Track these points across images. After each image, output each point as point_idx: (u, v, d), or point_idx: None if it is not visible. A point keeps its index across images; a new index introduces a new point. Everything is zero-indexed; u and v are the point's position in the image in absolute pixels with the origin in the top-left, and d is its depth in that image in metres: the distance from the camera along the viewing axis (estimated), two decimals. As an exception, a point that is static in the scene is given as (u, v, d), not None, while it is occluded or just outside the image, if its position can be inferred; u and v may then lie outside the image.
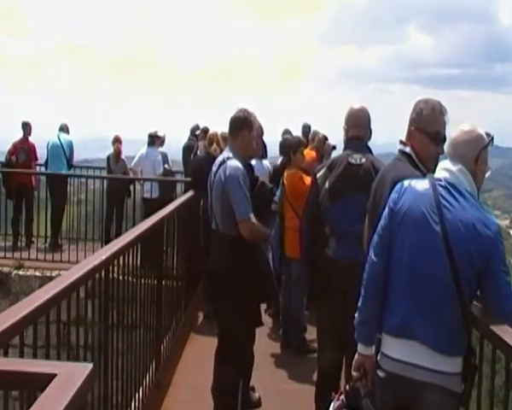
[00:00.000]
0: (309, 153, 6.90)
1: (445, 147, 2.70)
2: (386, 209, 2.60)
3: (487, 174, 2.65)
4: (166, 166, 9.75)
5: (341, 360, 3.77)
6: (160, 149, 9.88)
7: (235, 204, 3.77)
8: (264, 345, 5.77)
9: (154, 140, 9.77)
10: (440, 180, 2.52)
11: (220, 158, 4.01)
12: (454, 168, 2.53)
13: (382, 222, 2.60)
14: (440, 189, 2.49)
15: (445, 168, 2.57)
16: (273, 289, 4.28)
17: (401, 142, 2.99)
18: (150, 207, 8.38)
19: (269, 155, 8.07)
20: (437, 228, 2.41)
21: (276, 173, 6.53)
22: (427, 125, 2.87)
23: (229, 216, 3.81)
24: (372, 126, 3.79)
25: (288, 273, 5.99)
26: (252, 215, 3.77)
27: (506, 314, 2.39)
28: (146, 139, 9.84)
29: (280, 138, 7.70)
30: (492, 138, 2.62)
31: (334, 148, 7.33)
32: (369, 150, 3.75)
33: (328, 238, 3.72)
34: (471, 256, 2.38)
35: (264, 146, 7.84)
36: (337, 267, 3.58)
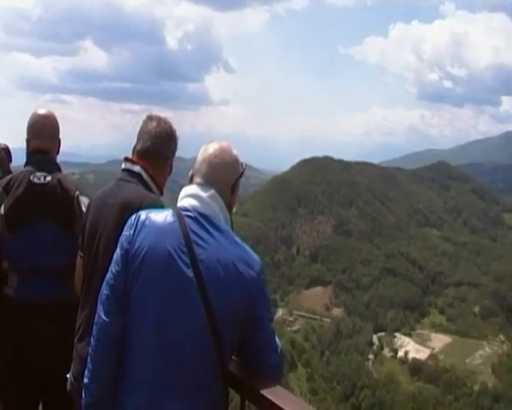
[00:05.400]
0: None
1: (198, 166, 2.19)
2: (119, 251, 2.08)
3: (234, 209, 2.22)
4: None
5: None
6: None
7: None
8: None
9: None
10: (188, 210, 2.07)
11: None
12: (205, 195, 2.09)
13: (114, 268, 2.07)
14: (190, 221, 2.04)
15: (192, 194, 2.11)
16: None
17: (127, 159, 2.65)
18: None
19: None
20: (189, 272, 1.96)
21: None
22: (162, 143, 2.62)
23: None
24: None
25: None
26: None
27: (273, 370, 2.08)
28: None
29: None
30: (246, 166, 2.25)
31: None
32: (58, 167, 3.18)
33: (7, 275, 3.08)
34: (234, 305, 1.97)
35: None
36: (22, 311, 3.00)
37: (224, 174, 2.14)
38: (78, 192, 2.99)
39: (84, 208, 2.99)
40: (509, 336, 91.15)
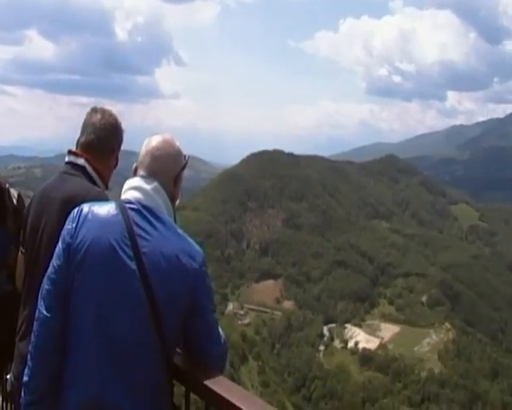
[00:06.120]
0: None
1: (141, 158, 2.17)
2: (60, 245, 2.04)
3: (178, 201, 2.20)
4: None
5: None
6: None
7: None
8: None
9: None
10: (131, 202, 2.05)
11: None
12: (148, 187, 2.08)
13: (55, 262, 2.02)
14: (133, 214, 2.01)
15: (135, 187, 2.09)
16: None
17: (70, 152, 2.58)
18: None
19: None
20: (132, 265, 1.93)
21: None
22: (107, 136, 2.58)
23: None
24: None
25: None
26: None
27: (217, 361, 2.08)
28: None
29: None
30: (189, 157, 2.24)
31: None
32: None
33: None
34: (177, 296, 1.96)
35: None
36: None
37: (167, 166, 2.13)
38: (8, 185, 2.90)
39: (14, 201, 2.90)
40: (454, 323, 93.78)
